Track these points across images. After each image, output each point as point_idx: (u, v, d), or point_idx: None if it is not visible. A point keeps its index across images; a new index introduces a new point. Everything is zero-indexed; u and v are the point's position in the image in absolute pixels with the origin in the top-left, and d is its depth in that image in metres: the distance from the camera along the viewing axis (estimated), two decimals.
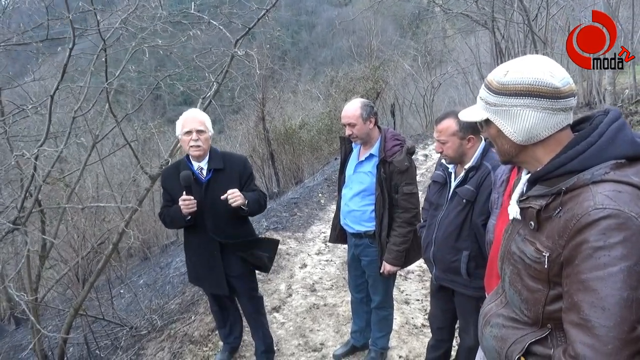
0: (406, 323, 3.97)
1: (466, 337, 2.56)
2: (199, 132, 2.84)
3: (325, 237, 6.42)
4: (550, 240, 1.17)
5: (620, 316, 1.02)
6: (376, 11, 16.86)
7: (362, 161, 2.97)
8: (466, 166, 2.36)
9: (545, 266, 1.18)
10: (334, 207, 8.07)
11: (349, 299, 3.64)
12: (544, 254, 1.18)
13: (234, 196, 2.76)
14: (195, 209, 2.80)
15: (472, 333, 2.47)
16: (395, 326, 3.67)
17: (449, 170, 2.49)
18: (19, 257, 6.48)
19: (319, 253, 5.95)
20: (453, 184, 2.45)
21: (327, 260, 5.65)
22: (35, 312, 3.81)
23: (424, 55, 20.59)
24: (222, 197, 2.76)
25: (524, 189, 1.35)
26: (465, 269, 2.37)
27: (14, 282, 4.28)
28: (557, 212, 1.16)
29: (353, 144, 3.07)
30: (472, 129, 2.33)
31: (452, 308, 2.64)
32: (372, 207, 2.93)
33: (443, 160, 2.51)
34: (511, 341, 1.31)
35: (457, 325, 2.82)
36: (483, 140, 2.40)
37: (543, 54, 1.27)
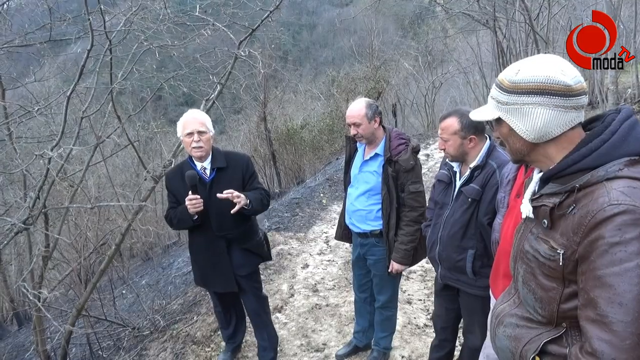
0: (409, 323, 3.97)
1: (471, 336, 2.55)
2: (200, 133, 2.86)
3: (327, 237, 6.42)
4: (564, 238, 1.17)
5: (637, 311, 1.02)
6: (377, 11, 16.86)
7: (368, 160, 2.97)
8: (471, 165, 2.36)
9: (560, 263, 1.17)
10: (335, 207, 8.09)
11: (351, 299, 3.64)
12: (558, 251, 1.18)
13: (234, 196, 2.77)
14: (202, 207, 2.81)
15: (477, 332, 2.47)
16: (397, 326, 3.67)
17: (454, 169, 2.49)
18: (21, 257, 6.50)
19: (320, 253, 5.95)
20: (458, 183, 2.44)
21: (329, 261, 5.65)
22: (39, 312, 3.81)
23: (425, 55, 20.57)
24: (219, 196, 2.76)
25: (536, 187, 1.35)
26: (470, 267, 2.37)
27: (18, 282, 4.29)
28: (571, 209, 1.16)
29: (358, 143, 3.08)
30: (474, 129, 2.32)
31: (456, 308, 2.64)
32: (379, 207, 2.93)
33: (447, 159, 2.51)
34: (525, 340, 1.30)
35: (460, 325, 2.82)
36: (488, 140, 2.40)
37: (545, 53, 1.27)
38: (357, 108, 2.85)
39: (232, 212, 2.79)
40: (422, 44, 20.72)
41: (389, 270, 2.98)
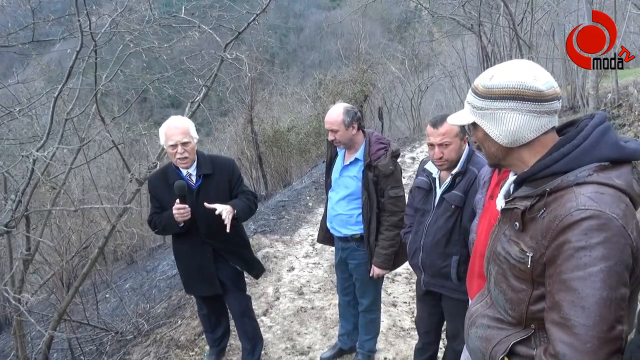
0: (393, 325, 3.99)
1: (455, 340, 2.57)
2: (184, 144, 2.78)
3: (313, 240, 6.42)
4: (534, 241, 1.19)
5: (599, 315, 1.04)
6: (364, 14, 16.94)
7: (347, 165, 2.97)
8: (453, 172, 2.38)
9: (529, 266, 1.20)
10: (322, 210, 8.05)
11: (337, 302, 3.65)
12: (527, 254, 1.20)
13: (227, 214, 2.74)
14: (190, 216, 2.78)
15: (462, 336, 2.48)
16: (382, 329, 3.69)
17: (433, 175, 2.50)
18: (1, 261, 6.38)
19: (306, 256, 5.95)
20: (439, 190, 2.45)
21: (314, 264, 5.65)
22: (19, 317, 3.75)
23: (411, 59, 20.75)
24: (207, 205, 2.75)
25: (511, 189, 1.38)
26: (455, 274, 2.38)
27: None
28: (541, 212, 1.18)
29: (338, 147, 3.08)
30: (465, 131, 2.35)
31: (439, 312, 2.66)
32: (359, 211, 2.94)
33: (432, 166, 2.49)
34: (495, 341, 1.33)
35: (443, 328, 2.84)
36: (467, 145, 2.42)
37: (528, 58, 1.30)
38: (335, 114, 2.83)
39: (227, 230, 2.74)
40: (409, 48, 20.93)
41: (370, 275, 3.00)
